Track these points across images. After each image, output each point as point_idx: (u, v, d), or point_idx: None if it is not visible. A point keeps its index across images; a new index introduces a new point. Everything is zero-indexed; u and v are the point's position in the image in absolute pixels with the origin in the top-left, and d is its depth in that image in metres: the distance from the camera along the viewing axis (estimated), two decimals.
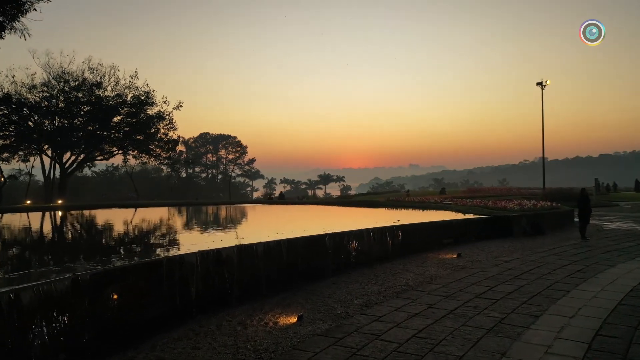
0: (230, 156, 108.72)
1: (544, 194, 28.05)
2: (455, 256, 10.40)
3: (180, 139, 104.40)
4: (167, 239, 9.60)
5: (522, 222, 13.30)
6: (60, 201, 24.97)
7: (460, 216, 13.93)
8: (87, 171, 71.31)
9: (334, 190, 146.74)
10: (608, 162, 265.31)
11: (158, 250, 8.30)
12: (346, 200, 27.08)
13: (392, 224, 11.16)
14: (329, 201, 28.02)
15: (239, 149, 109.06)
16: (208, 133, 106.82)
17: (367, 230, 10.26)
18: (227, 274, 7.45)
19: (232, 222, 14.02)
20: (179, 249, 7.87)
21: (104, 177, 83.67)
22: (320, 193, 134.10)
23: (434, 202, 19.35)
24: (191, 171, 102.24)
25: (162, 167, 52.25)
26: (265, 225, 13.56)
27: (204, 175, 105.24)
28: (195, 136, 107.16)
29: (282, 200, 39.62)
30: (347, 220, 15.49)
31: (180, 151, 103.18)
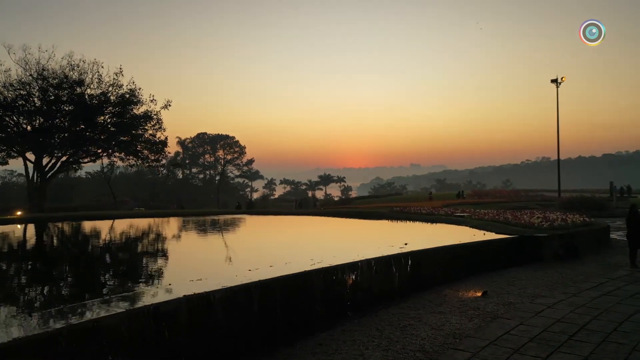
0: (229, 157, 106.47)
1: (563, 202, 25.71)
2: (479, 294, 8.19)
3: (177, 139, 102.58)
4: (96, 279, 7.34)
5: (554, 244, 11.09)
6: (19, 212, 22.77)
7: (479, 235, 11.71)
8: (80, 172, 69.34)
9: (334, 190, 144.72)
10: (612, 162, 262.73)
11: (73, 296, 6.08)
12: (342, 210, 24.67)
13: (399, 251, 8.96)
14: (321, 211, 25.44)
15: (237, 149, 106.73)
16: (206, 133, 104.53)
17: (368, 261, 8.07)
18: (170, 341, 5.28)
19: (192, 247, 11.38)
20: (102, 300, 5.65)
21: (98, 178, 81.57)
22: (320, 194, 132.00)
23: (444, 215, 17.10)
24: (187, 172, 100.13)
25: (159, 168, 50.09)
26: (234, 251, 10.97)
27: (201, 176, 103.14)
28: (192, 136, 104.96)
29: (252, 210, 36.01)
30: (341, 240, 13.13)
31: (177, 152, 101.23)
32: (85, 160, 39.28)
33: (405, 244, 9.88)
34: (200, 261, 8.76)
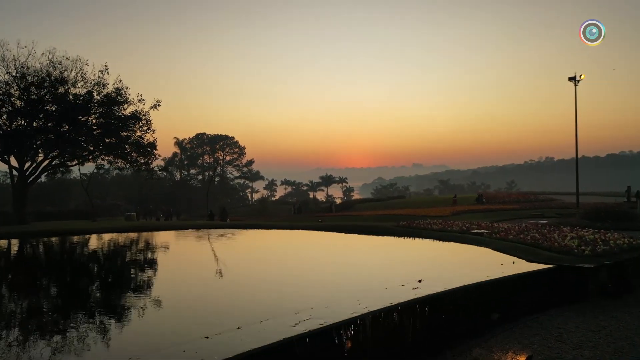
0: (228, 157, 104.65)
1: (586, 212, 23.40)
2: (523, 359, 6.13)
3: (174, 140, 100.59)
4: None
5: (601, 277, 9.02)
6: None
7: (507, 262, 9.62)
8: (76, 174, 67.47)
9: (336, 191, 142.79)
10: (615, 162, 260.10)
11: None
12: (342, 223, 22.49)
13: (413, 293, 6.92)
14: (319, 224, 23.15)
15: (236, 149, 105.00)
16: (204, 133, 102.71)
17: (374, 315, 6.03)
18: None
19: (138, 295, 8.71)
20: None
21: (94, 180, 79.72)
22: (321, 195, 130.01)
23: (459, 232, 14.95)
24: (185, 173, 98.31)
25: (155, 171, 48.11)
26: (188, 303, 7.60)
27: (200, 177, 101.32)
28: (191, 137, 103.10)
29: (225, 222, 32.87)
30: (337, 274, 10.76)
31: (175, 153, 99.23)
32: (74, 162, 37.40)
33: (420, 281, 7.83)
34: (140, 322, 6.61)
